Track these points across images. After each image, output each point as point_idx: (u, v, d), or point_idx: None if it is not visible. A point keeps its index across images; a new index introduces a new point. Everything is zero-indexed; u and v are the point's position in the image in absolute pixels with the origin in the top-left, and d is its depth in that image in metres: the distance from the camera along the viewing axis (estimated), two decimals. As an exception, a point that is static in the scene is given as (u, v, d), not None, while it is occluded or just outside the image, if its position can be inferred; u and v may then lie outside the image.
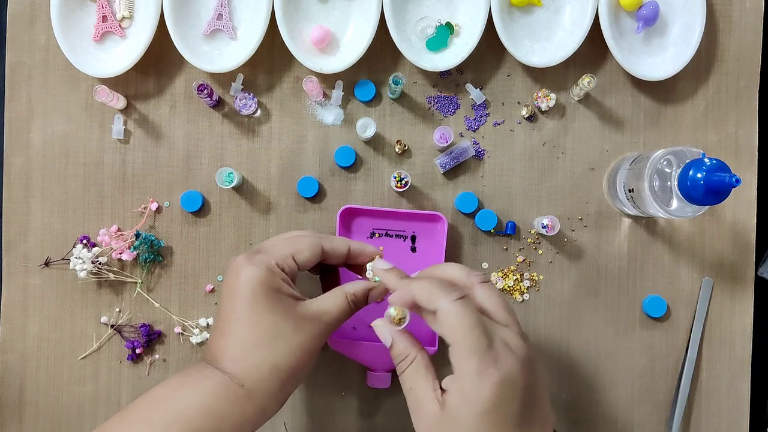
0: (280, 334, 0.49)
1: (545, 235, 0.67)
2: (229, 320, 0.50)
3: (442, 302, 0.45)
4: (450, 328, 0.45)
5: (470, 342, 0.44)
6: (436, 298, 0.46)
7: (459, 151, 0.68)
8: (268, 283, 0.50)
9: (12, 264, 0.69)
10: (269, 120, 0.69)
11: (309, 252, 0.53)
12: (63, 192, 0.69)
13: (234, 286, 0.51)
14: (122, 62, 0.66)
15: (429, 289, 0.47)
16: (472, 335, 0.44)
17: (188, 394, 0.48)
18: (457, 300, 0.45)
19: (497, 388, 0.43)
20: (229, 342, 0.50)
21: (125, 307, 0.69)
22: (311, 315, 0.51)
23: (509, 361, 0.44)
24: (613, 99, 0.70)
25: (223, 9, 0.67)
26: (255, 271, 0.50)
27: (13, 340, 0.69)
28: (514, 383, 0.44)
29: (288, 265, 0.52)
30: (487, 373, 0.43)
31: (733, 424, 0.69)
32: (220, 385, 0.48)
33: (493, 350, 0.44)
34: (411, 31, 0.68)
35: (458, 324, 0.45)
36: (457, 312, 0.45)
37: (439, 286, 0.47)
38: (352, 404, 0.69)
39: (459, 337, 0.44)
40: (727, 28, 0.70)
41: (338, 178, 0.69)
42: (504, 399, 0.44)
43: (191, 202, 0.68)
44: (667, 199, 0.59)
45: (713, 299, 0.69)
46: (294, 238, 0.54)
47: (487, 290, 0.49)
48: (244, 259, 0.51)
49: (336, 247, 0.55)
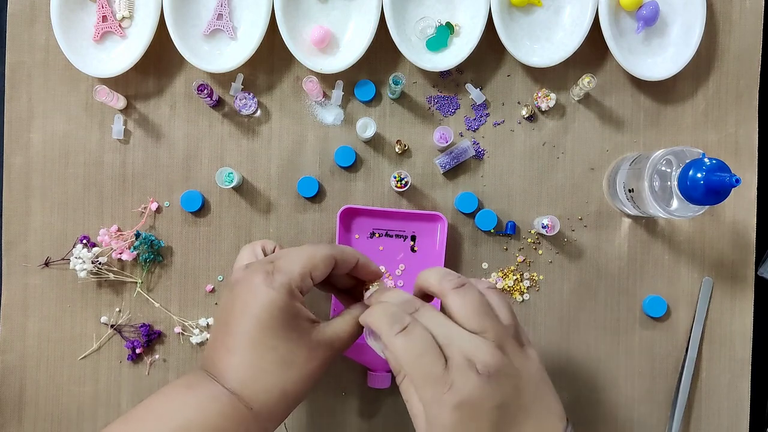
0: (293, 361, 0.48)
1: (545, 235, 0.67)
2: (239, 339, 0.48)
3: (385, 337, 0.45)
4: (398, 361, 0.44)
5: (419, 372, 0.43)
6: (382, 332, 0.45)
7: (459, 151, 0.68)
8: (286, 309, 0.48)
9: (12, 264, 0.69)
10: (269, 120, 0.69)
11: (324, 266, 0.51)
12: (63, 192, 0.69)
13: (249, 305, 0.48)
14: (122, 62, 0.66)
15: (376, 321, 0.46)
16: (419, 365, 0.43)
17: (191, 411, 0.47)
18: (399, 333, 0.44)
19: (456, 412, 0.42)
20: (239, 362, 0.48)
21: (125, 307, 0.69)
22: (325, 341, 0.50)
23: (468, 383, 0.42)
24: (613, 99, 0.70)
25: (223, 9, 0.67)
26: (275, 296, 0.48)
27: (13, 340, 0.69)
28: (476, 404, 0.42)
29: (306, 285, 0.50)
30: (443, 399, 0.42)
31: (733, 424, 0.69)
32: (226, 405, 0.47)
33: (447, 374, 0.42)
34: (411, 31, 0.68)
35: (404, 356, 0.44)
36: (400, 345, 0.44)
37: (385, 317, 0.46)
38: (352, 404, 0.69)
39: (408, 369, 0.43)
40: (727, 28, 0.70)
41: (338, 178, 0.69)
42: (466, 422, 0.42)
43: (191, 202, 0.68)
44: (667, 199, 0.59)
45: (713, 299, 0.69)
46: (310, 253, 0.51)
47: (458, 297, 0.46)
48: (262, 280, 0.48)
49: (347, 259, 0.53)
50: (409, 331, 0.44)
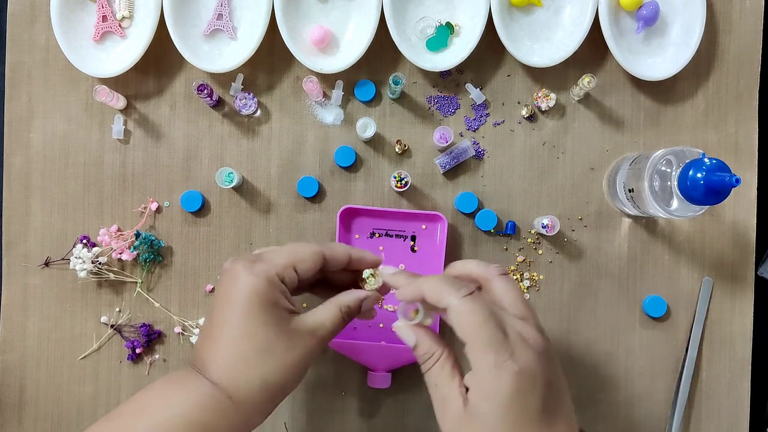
0: (273, 349, 0.48)
1: (545, 235, 0.67)
2: (220, 328, 0.49)
3: (451, 299, 0.45)
4: (461, 324, 0.45)
5: (484, 337, 0.44)
6: (446, 295, 0.46)
7: (459, 151, 0.68)
8: (265, 296, 0.48)
9: (12, 264, 0.69)
10: (269, 120, 0.69)
11: (311, 261, 0.52)
12: (63, 192, 0.69)
13: (230, 293, 0.49)
14: (122, 62, 0.66)
15: (438, 286, 0.46)
16: (485, 330, 0.44)
17: (175, 405, 0.47)
18: (466, 296, 0.45)
19: (516, 380, 0.43)
20: (219, 351, 0.48)
21: (125, 307, 0.69)
22: (306, 330, 0.50)
23: (526, 354, 0.44)
24: (613, 99, 0.70)
25: (223, 9, 0.67)
26: (254, 281, 0.48)
27: (13, 340, 0.69)
28: (533, 376, 0.43)
29: (288, 275, 0.50)
30: (505, 365, 0.43)
31: (733, 424, 0.69)
32: (208, 397, 0.47)
33: (508, 343, 0.44)
34: (411, 31, 0.68)
35: (470, 320, 0.44)
36: (467, 308, 0.45)
37: (448, 283, 0.46)
38: (352, 404, 0.69)
39: (472, 334, 0.44)
40: (727, 28, 0.70)
41: (338, 178, 0.69)
42: (524, 391, 0.43)
43: (191, 202, 0.68)
44: (667, 199, 0.59)
45: (713, 299, 0.69)
46: (295, 248, 0.52)
47: (504, 283, 0.49)
48: (243, 267, 0.49)
49: (336, 255, 0.53)
50: (476, 297, 0.45)
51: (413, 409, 0.69)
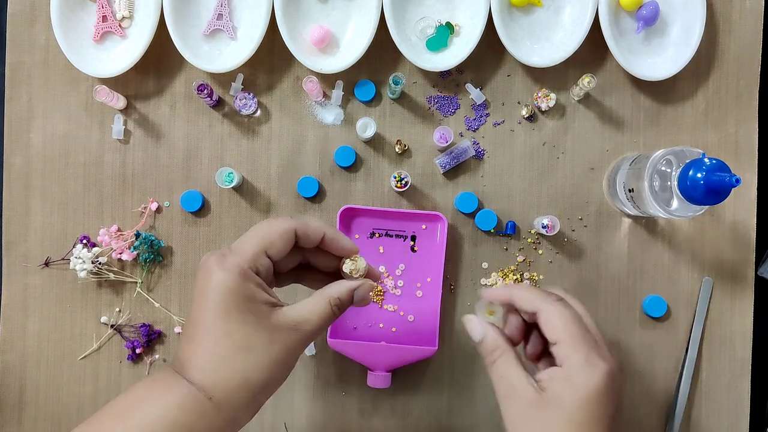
0: (252, 346, 0.47)
1: (545, 235, 0.67)
2: (197, 327, 0.47)
3: (544, 304, 0.50)
4: (554, 323, 0.49)
5: (576, 334, 0.48)
6: (539, 302, 0.50)
7: (459, 151, 0.68)
8: (239, 291, 0.47)
9: (12, 264, 0.69)
10: (269, 120, 0.69)
11: (282, 242, 0.50)
12: (63, 192, 0.69)
13: (204, 290, 0.47)
14: (122, 62, 0.66)
15: (529, 294, 0.52)
16: (577, 328, 0.48)
17: (153, 407, 0.46)
18: (557, 302, 0.50)
19: (605, 378, 0.47)
20: (198, 351, 0.47)
21: (125, 307, 0.69)
22: (287, 325, 0.48)
23: (612, 360, 0.48)
24: (613, 99, 0.70)
25: (223, 9, 0.67)
26: (226, 278, 0.47)
27: (13, 340, 0.69)
28: (617, 381, 0.47)
29: (262, 264, 0.49)
30: (596, 362, 0.47)
31: (733, 424, 0.69)
32: (187, 398, 0.46)
33: (598, 346, 0.49)
34: (411, 31, 0.68)
35: (562, 319, 0.49)
36: (559, 310, 0.49)
37: (539, 291, 0.52)
38: (352, 404, 0.69)
39: (564, 331, 0.48)
40: (727, 28, 0.70)
41: (338, 178, 0.69)
42: (608, 391, 0.47)
43: (191, 202, 0.68)
44: (667, 199, 0.59)
45: (713, 299, 0.69)
46: (264, 229, 0.50)
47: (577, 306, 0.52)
48: (215, 262, 0.47)
49: (309, 231, 0.51)
50: (565, 304, 0.51)
51: (413, 409, 0.69)
